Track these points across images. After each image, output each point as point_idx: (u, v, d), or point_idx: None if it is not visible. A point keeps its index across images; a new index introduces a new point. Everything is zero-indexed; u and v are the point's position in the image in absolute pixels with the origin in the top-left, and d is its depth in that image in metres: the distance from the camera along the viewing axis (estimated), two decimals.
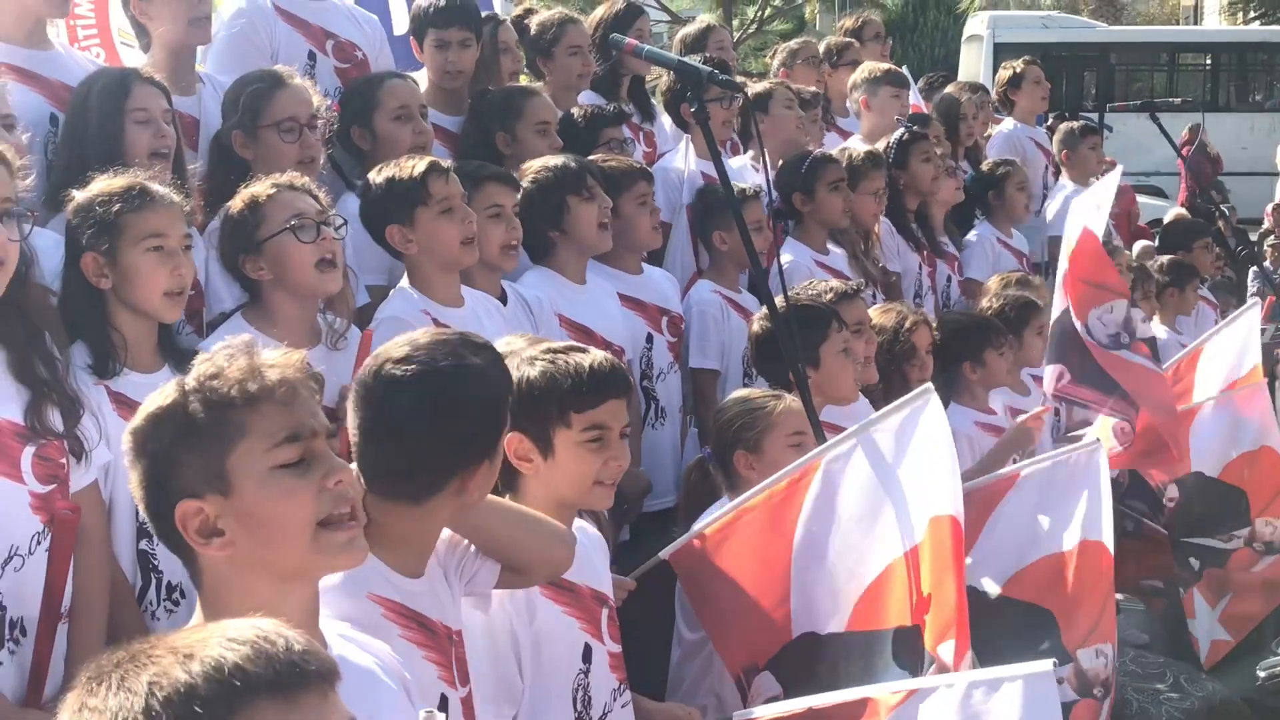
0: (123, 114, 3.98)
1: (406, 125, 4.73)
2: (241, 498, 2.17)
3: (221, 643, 1.60)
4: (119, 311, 3.45)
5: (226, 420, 2.17)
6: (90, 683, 1.60)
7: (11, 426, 3.12)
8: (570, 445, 3.01)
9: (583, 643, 3.08)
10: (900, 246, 6.47)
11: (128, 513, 3.38)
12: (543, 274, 4.74)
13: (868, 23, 8.57)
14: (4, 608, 3.10)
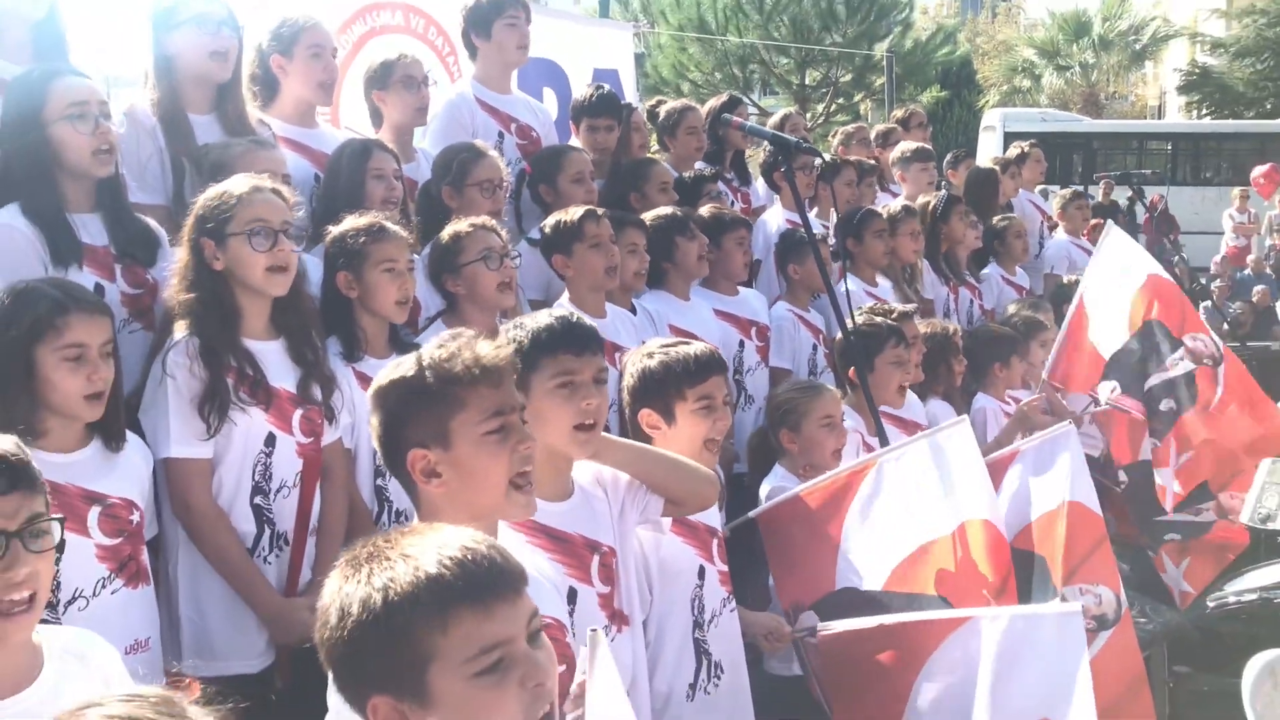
0: (364, 172, 4.03)
1: (581, 186, 4.75)
2: (457, 453, 2.17)
3: (438, 555, 1.58)
4: (362, 315, 3.50)
5: (452, 393, 2.17)
6: (348, 568, 1.62)
7: (288, 394, 3.18)
8: (686, 413, 3.03)
9: (698, 564, 3.05)
10: (933, 279, 6.37)
11: (368, 459, 3.42)
12: (658, 295, 4.74)
13: (914, 113, 8.45)
14: (275, 523, 3.17)
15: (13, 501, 2.05)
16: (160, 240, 3.40)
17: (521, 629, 1.60)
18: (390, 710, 1.55)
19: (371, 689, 1.56)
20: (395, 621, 1.54)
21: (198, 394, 3.04)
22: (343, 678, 1.61)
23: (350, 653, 1.57)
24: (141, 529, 2.90)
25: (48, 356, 2.70)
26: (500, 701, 1.55)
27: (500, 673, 1.56)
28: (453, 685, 1.54)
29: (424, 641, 1.54)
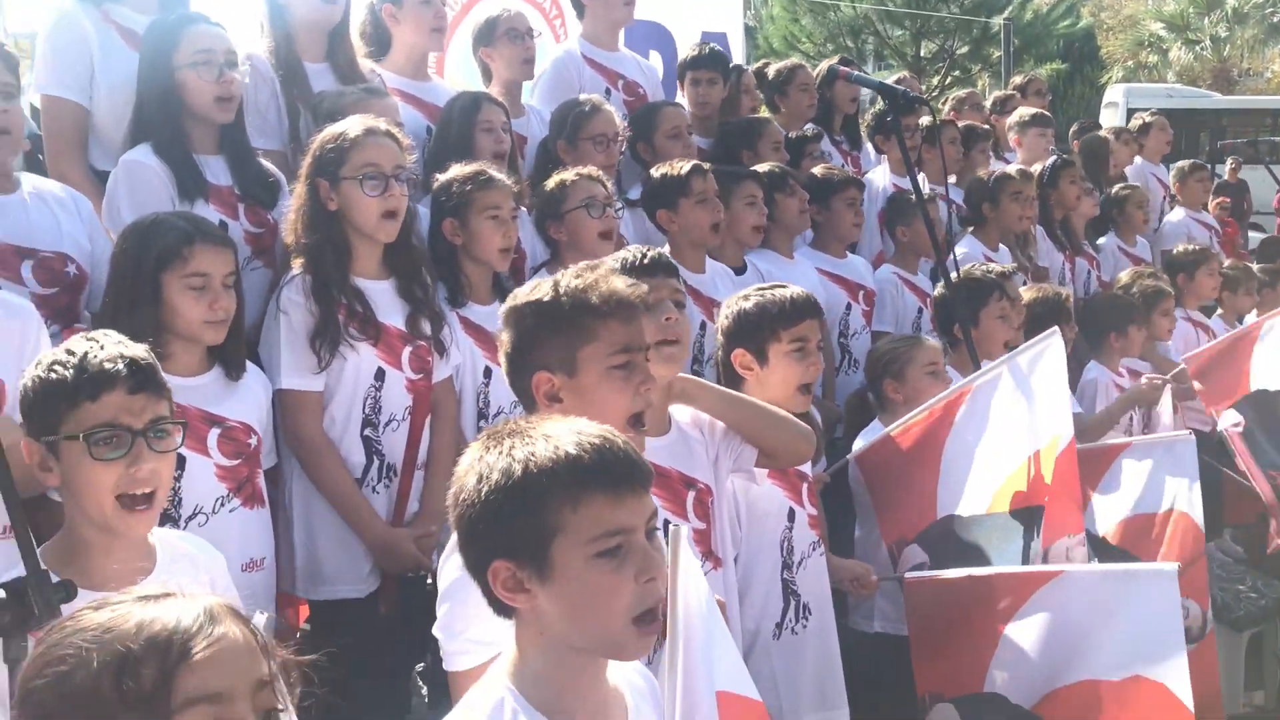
0: (474, 125, 4.13)
1: (677, 142, 4.80)
2: (581, 381, 2.23)
3: (577, 439, 1.66)
4: (466, 261, 3.60)
5: (584, 323, 2.23)
6: (489, 440, 1.70)
7: (397, 331, 3.30)
8: (780, 355, 3.07)
9: (788, 507, 3.09)
10: (1048, 247, 6.26)
11: (471, 401, 3.55)
12: (763, 253, 4.76)
13: (1033, 80, 8.27)
14: (383, 455, 3.31)
15: (140, 401, 2.20)
16: (280, 184, 3.55)
17: (642, 524, 1.66)
18: (509, 576, 1.64)
19: (496, 553, 1.64)
20: (531, 491, 1.62)
21: (309, 329, 3.18)
22: (470, 541, 1.69)
23: (483, 515, 1.65)
24: (259, 453, 3.05)
25: (173, 283, 2.85)
26: (614, 585, 1.62)
27: (619, 559, 1.63)
28: (573, 561, 1.62)
29: (554, 515, 1.61)
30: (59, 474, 2.20)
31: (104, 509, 2.18)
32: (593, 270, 2.29)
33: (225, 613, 1.38)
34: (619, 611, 1.63)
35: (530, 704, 1.65)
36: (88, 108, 3.62)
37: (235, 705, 1.31)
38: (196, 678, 1.30)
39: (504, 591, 1.65)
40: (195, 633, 1.33)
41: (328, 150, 3.24)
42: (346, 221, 3.25)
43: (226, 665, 1.32)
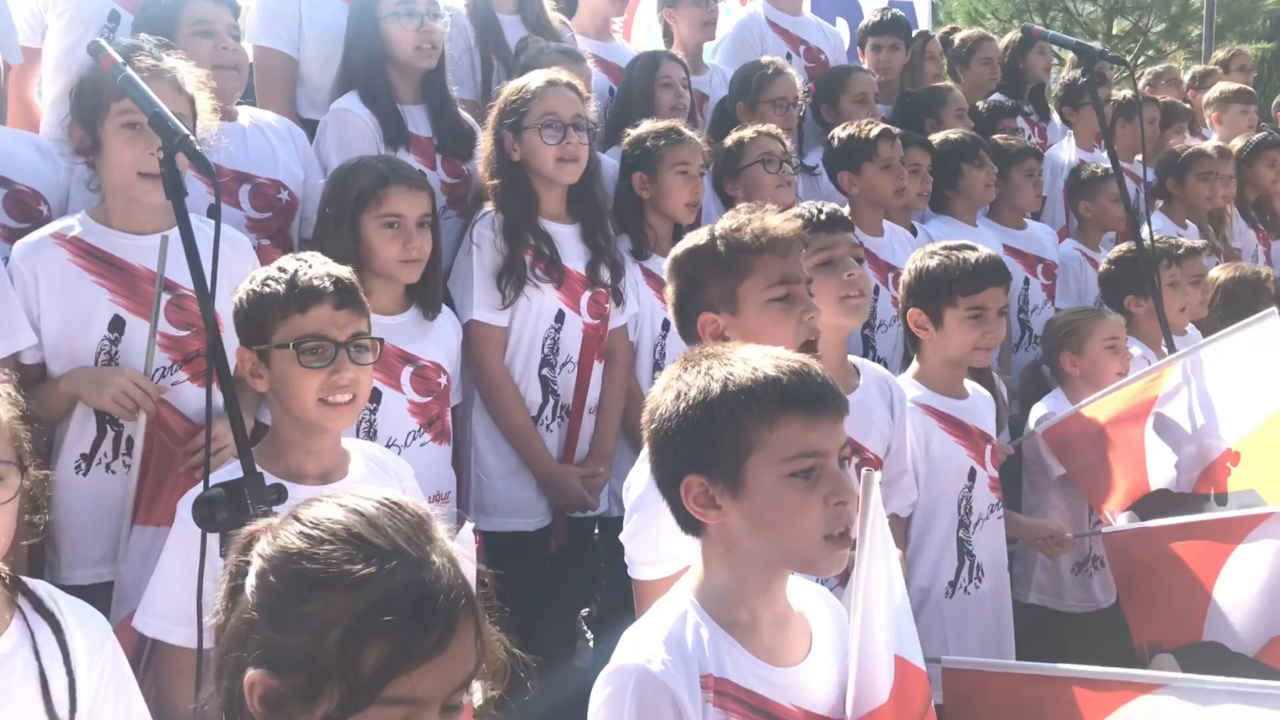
0: (654, 81, 4.21)
1: (864, 108, 4.78)
2: (744, 318, 2.29)
3: (775, 363, 1.72)
4: (652, 215, 3.69)
5: (741, 260, 2.30)
6: (686, 363, 1.78)
7: (579, 276, 3.42)
8: (957, 319, 3.05)
9: (969, 466, 3.08)
10: (1240, 227, 5.97)
11: (648, 352, 3.64)
12: (942, 220, 4.69)
13: (1237, 54, 7.85)
14: (559, 395, 3.43)
15: (343, 316, 2.37)
16: (476, 134, 3.70)
17: (835, 450, 1.71)
18: (701, 490, 1.70)
19: (689, 468, 1.70)
20: (728, 408, 1.68)
21: (498, 266, 3.32)
22: (663, 456, 1.76)
23: (679, 431, 1.71)
24: (448, 392, 3.21)
25: (370, 223, 3.02)
26: (804, 506, 1.67)
27: (811, 480, 1.68)
28: (766, 479, 1.67)
29: (750, 433, 1.67)
30: (268, 380, 2.38)
31: (307, 410, 2.35)
32: (747, 212, 2.35)
33: (467, 609, 1.32)
34: (810, 530, 1.67)
35: (712, 619, 1.71)
36: (295, 58, 3.84)
37: (430, 710, 1.29)
38: (409, 684, 1.27)
39: (695, 506, 1.71)
40: (434, 638, 1.27)
41: (511, 103, 3.38)
42: (529, 169, 3.37)
43: (439, 678, 1.29)
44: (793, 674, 1.73)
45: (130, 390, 2.60)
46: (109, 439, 2.70)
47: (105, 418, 2.70)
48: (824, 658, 1.77)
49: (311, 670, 1.26)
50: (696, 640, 1.69)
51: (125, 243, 2.78)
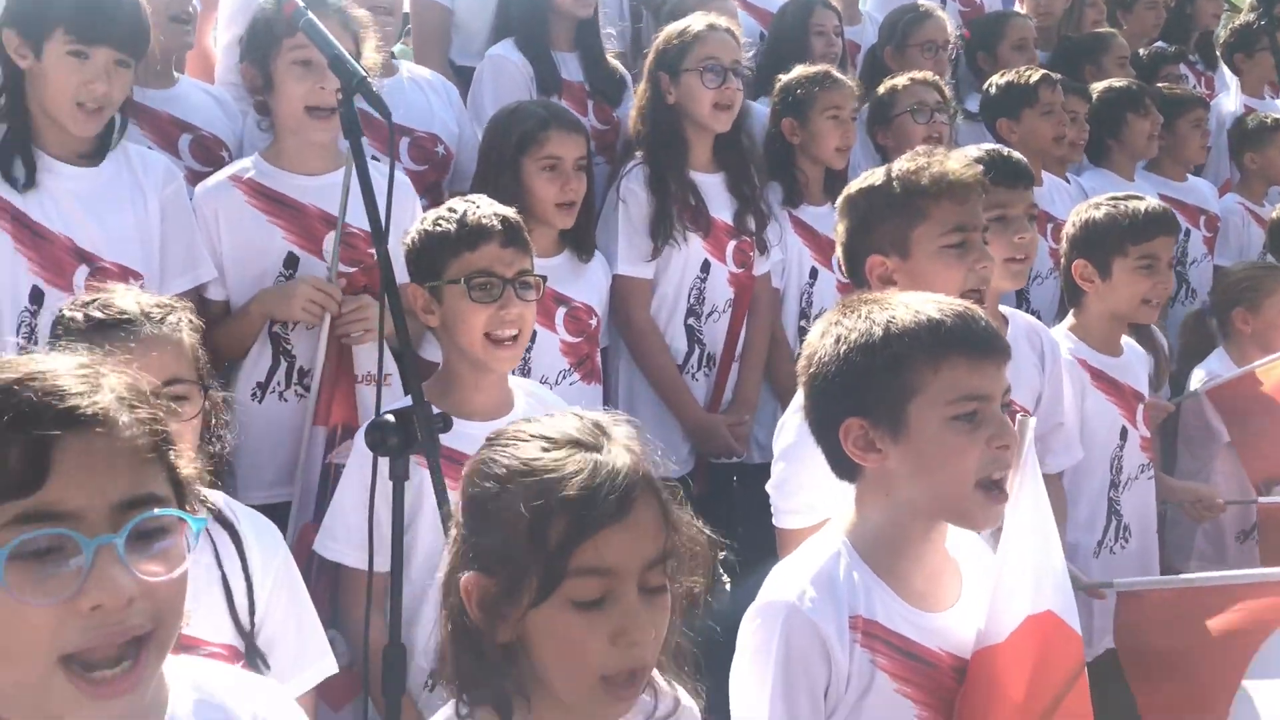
0: (807, 27, 4.20)
1: (1022, 54, 4.66)
2: (914, 263, 2.28)
3: (938, 306, 1.74)
4: (803, 160, 3.68)
5: (916, 204, 2.29)
6: (844, 309, 1.81)
7: (724, 225, 3.46)
8: (1126, 270, 2.99)
9: (1120, 424, 3.04)
10: None
11: (795, 300, 3.66)
12: (1099, 173, 4.56)
13: None
14: (704, 344, 3.49)
15: (509, 254, 2.48)
16: (626, 81, 3.75)
17: (998, 394, 1.72)
18: (860, 433, 1.73)
19: (849, 411, 1.74)
20: (891, 351, 1.70)
21: (645, 219, 3.38)
22: (822, 400, 1.79)
23: (840, 374, 1.74)
24: (598, 333, 3.30)
25: (530, 166, 3.11)
26: (966, 448, 1.69)
27: (973, 424, 1.69)
28: (928, 421, 1.70)
29: (914, 376, 1.70)
30: (439, 316, 2.50)
31: (475, 346, 2.46)
32: (927, 154, 2.33)
33: (646, 487, 1.38)
34: (967, 474, 1.69)
35: (864, 561, 1.75)
36: (450, 7, 3.94)
37: (626, 583, 1.35)
38: (594, 552, 1.33)
39: (854, 449, 1.74)
40: (611, 506, 1.34)
41: (671, 45, 3.41)
42: (683, 114, 3.41)
43: (623, 548, 1.35)
44: (942, 619, 1.76)
45: (314, 295, 2.75)
46: (282, 369, 2.87)
47: (280, 348, 2.87)
48: (974, 605, 1.79)
49: (511, 562, 1.36)
50: (847, 581, 1.72)
51: (296, 183, 2.93)
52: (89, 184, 2.67)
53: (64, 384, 1.12)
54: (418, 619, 2.43)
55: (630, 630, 1.35)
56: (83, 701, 1.09)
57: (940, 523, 1.79)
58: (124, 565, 1.09)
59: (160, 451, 1.17)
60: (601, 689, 1.37)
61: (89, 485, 1.09)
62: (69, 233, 2.62)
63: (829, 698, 1.68)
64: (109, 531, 1.09)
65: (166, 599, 1.13)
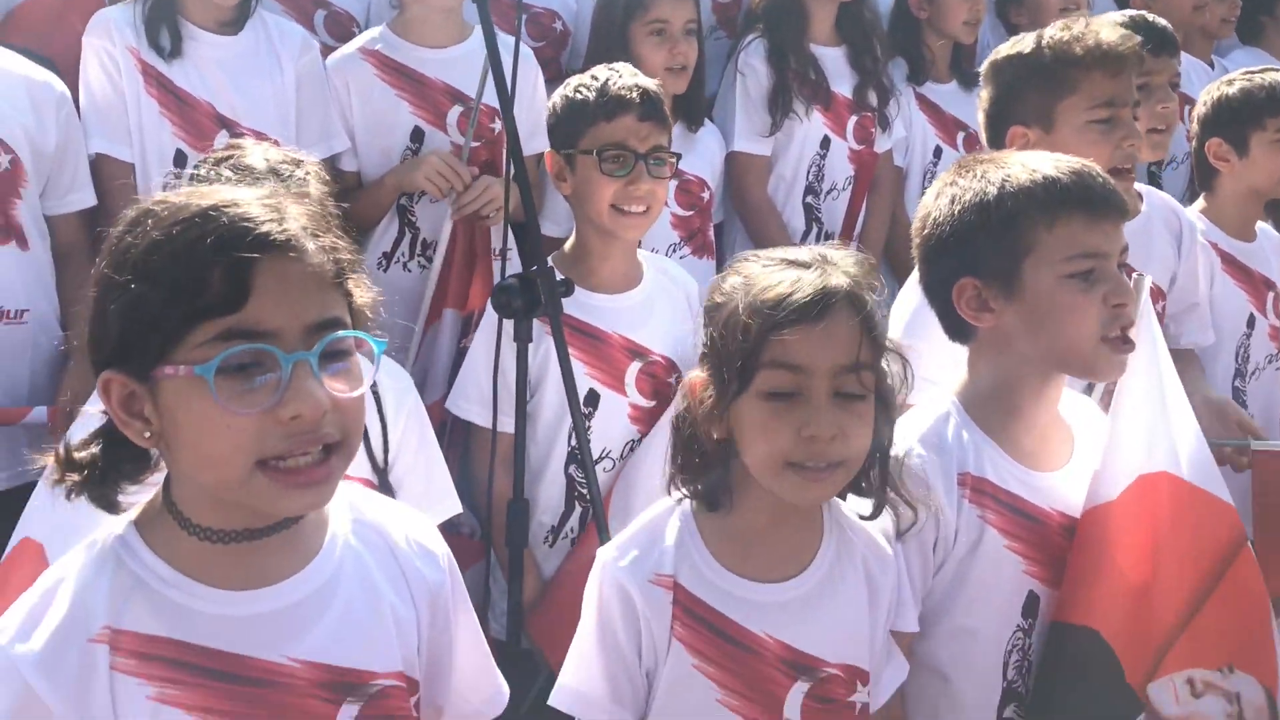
0: None
1: None
2: (1059, 136, 2.23)
3: (1054, 164, 1.77)
4: (929, 35, 3.64)
5: (1065, 74, 2.25)
6: (959, 169, 1.84)
7: (845, 100, 3.45)
8: (1264, 144, 2.92)
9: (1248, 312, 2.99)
10: None
11: (918, 177, 3.64)
12: (1251, 51, 4.37)
13: None
14: (822, 223, 3.50)
15: (646, 128, 2.53)
16: None
17: (1115, 252, 1.74)
18: (974, 293, 1.77)
19: (963, 271, 1.78)
20: (1006, 209, 1.73)
21: (763, 93, 3.39)
22: (935, 261, 1.83)
23: (954, 234, 1.78)
24: (710, 207, 3.35)
25: (638, 32, 3.16)
26: (1081, 307, 1.72)
27: (1089, 281, 1.72)
28: (1043, 279, 1.73)
29: (1028, 233, 1.73)
30: (571, 185, 2.58)
31: (602, 215, 2.54)
32: (1081, 23, 2.29)
33: (848, 301, 1.54)
34: (1087, 331, 1.72)
35: (974, 421, 1.80)
36: None
37: (814, 379, 1.52)
38: (782, 347, 1.51)
39: (967, 310, 1.78)
40: (805, 309, 1.52)
41: None
42: None
43: (813, 349, 1.52)
44: (1052, 478, 1.81)
45: (442, 168, 2.85)
46: (407, 240, 3.00)
47: (406, 219, 2.99)
48: (1085, 467, 1.83)
49: (723, 360, 1.56)
50: (956, 439, 1.78)
51: (422, 56, 3.01)
52: (230, 51, 2.81)
53: (254, 211, 1.21)
54: (541, 478, 2.58)
55: (813, 423, 1.51)
56: (279, 493, 1.21)
57: (1053, 383, 1.82)
58: (318, 380, 1.20)
59: (341, 279, 1.27)
60: (791, 473, 1.53)
61: (285, 306, 1.19)
62: (211, 99, 2.77)
63: (937, 551, 1.76)
64: (303, 349, 1.20)
65: (351, 413, 1.24)
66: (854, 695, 1.63)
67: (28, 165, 2.53)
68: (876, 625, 1.66)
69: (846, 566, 1.65)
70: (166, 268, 1.18)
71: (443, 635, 1.43)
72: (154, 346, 1.18)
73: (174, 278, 1.18)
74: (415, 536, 1.43)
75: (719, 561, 1.61)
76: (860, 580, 1.66)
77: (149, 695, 1.23)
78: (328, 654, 1.29)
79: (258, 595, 1.28)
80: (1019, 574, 1.78)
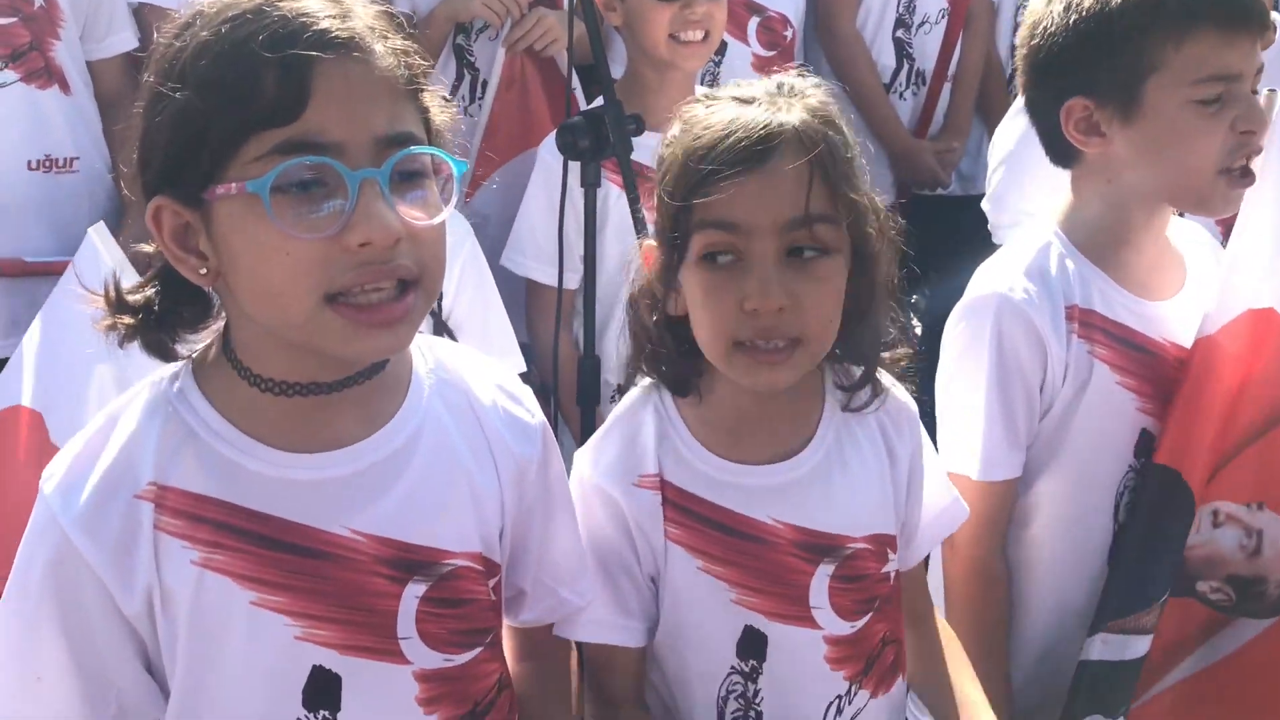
0: None
1: None
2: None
3: None
4: None
5: None
6: None
7: None
8: None
9: None
10: None
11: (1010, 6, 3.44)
12: None
13: None
14: (913, 59, 3.34)
15: None
16: None
17: (1250, 74, 1.60)
18: (1084, 114, 1.63)
19: (1075, 89, 1.64)
20: (1129, 20, 1.58)
21: None
22: (1044, 77, 1.69)
23: (1067, 48, 1.63)
24: (793, 47, 3.18)
25: None
26: (1207, 132, 1.59)
27: (1219, 105, 1.58)
28: (1167, 102, 1.59)
29: (1154, 50, 1.58)
30: (621, 13, 2.47)
31: (659, 46, 2.43)
32: None
33: (796, 143, 1.30)
34: (1208, 161, 1.60)
35: (1079, 251, 1.70)
36: None
37: (755, 240, 1.31)
38: (718, 205, 1.30)
39: (1075, 133, 1.66)
40: (737, 155, 1.30)
41: None
42: None
43: (752, 203, 1.30)
44: (1164, 307, 1.72)
45: None
46: (466, 82, 2.91)
47: (464, 60, 2.90)
48: (1198, 296, 1.73)
49: (667, 221, 1.37)
50: (1061, 270, 1.68)
51: None
52: None
53: (312, 6, 1.08)
54: (605, 331, 2.51)
55: (752, 294, 1.30)
56: (351, 332, 1.09)
57: (1161, 212, 1.71)
58: (388, 203, 1.07)
59: (415, 89, 1.13)
60: (740, 355, 1.33)
61: (350, 115, 1.06)
62: None
63: (1045, 392, 1.68)
64: (371, 166, 1.06)
65: (430, 246, 1.11)
66: (885, 566, 1.48)
67: (64, 4, 2.46)
68: (899, 484, 1.50)
69: (856, 428, 1.47)
70: (214, 71, 1.06)
71: (531, 515, 1.32)
72: (204, 162, 1.06)
73: (223, 81, 1.05)
74: (504, 403, 1.31)
75: (708, 449, 1.42)
76: (876, 440, 1.49)
77: (194, 560, 1.14)
78: (395, 528, 1.19)
79: (322, 459, 1.18)
80: (1132, 411, 1.69)
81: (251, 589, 1.16)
